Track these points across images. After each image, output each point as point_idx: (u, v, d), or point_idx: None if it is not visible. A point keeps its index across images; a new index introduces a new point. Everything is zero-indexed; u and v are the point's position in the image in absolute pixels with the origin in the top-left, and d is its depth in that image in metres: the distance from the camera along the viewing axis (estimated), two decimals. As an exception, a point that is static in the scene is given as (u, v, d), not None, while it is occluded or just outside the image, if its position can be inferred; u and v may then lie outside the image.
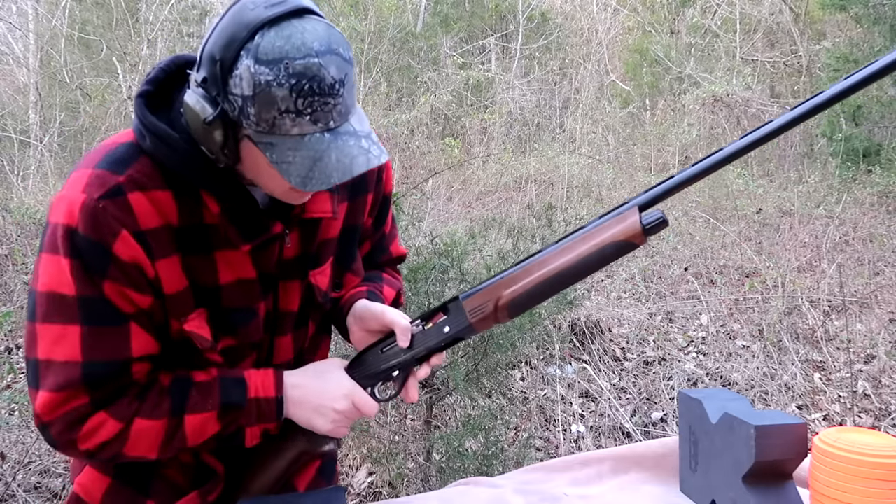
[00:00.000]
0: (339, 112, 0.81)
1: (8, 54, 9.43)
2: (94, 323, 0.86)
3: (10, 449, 2.53)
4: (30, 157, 7.40)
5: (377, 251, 1.19)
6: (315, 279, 1.02)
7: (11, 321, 3.44)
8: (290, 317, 1.02)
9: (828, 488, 0.95)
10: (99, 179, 0.85)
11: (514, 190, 6.46)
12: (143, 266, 0.87)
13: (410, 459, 2.53)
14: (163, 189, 0.88)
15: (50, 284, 0.86)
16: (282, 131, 0.80)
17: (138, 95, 0.89)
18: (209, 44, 0.81)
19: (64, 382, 0.86)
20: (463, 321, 0.98)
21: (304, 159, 0.80)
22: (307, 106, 0.78)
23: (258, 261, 0.95)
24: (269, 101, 0.78)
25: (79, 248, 0.84)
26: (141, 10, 9.46)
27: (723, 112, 8.27)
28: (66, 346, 0.86)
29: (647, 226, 0.89)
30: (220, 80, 0.80)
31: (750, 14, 9.66)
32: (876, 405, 3.21)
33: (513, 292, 0.95)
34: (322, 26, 0.80)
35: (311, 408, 0.97)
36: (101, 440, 0.88)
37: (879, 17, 6.27)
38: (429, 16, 9.75)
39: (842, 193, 5.81)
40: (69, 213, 0.84)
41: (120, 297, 0.87)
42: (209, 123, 0.81)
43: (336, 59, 0.79)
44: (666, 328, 3.97)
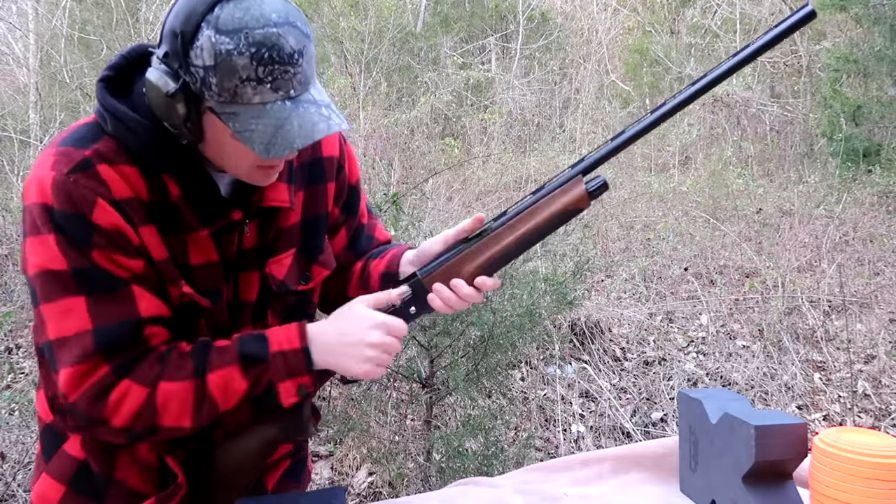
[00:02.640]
0: (299, 81, 0.83)
1: (8, 54, 9.43)
2: (94, 291, 0.86)
3: (10, 449, 2.53)
4: (30, 157, 7.39)
5: (363, 239, 1.19)
6: (270, 268, 1.02)
7: (11, 321, 3.44)
8: (249, 307, 1.02)
9: (828, 488, 0.95)
10: (65, 156, 0.86)
11: (514, 190, 6.46)
12: (126, 232, 0.87)
13: (410, 459, 2.53)
14: (129, 165, 0.89)
15: (41, 264, 0.86)
16: (243, 100, 0.81)
17: (99, 80, 0.91)
18: (169, 20, 0.82)
19: (81, 355, 0.85)
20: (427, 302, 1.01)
21: (266, 127, 0.81)
22: (268, 74, 0.80)
23: (220, 246, 0.96)
24: (231, 70, 0.79)
25: (59, 223, 0.84)
26: (141, 10, 9.46)
27: (723, 112, 8.27)
28: (74, 318, 0.86)
29: (591, 191, 0.97)
30: (181, 52, 0.81)
31: (750, 14, 9.65)
32: (876, 405, 3.21)
33: (474, 268, 0.99)
34: (281, 2, 0.82)
35: (342, 351, 0.94)
36: (132, 410, 0.87)
37: (879, 17, 6.27)
38: (429, 16, 9.74)
39: (842, 193, 5.81)
40: (41, 191, 0.84)
41: (111, 263, 0.87)
42: (171, 96, 0.82)
43: (294, 31, 0.81)
44: (666, 328, 3.97)
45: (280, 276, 1.03)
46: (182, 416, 0.89)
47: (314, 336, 0.94)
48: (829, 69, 7.08)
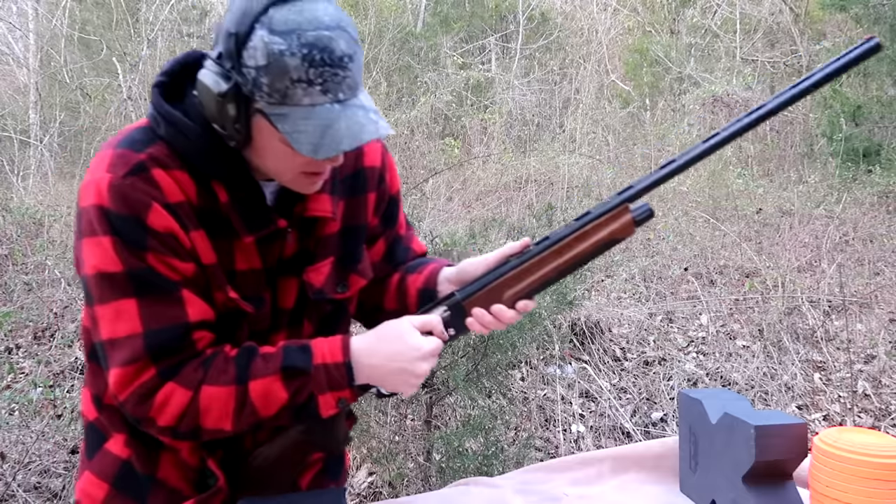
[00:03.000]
0: (348, 85, 0.84)
1: (8, 54, 9.43)
2: (147, 294, 0.88)
3: (10, 449, 2.53)
4: (30, 157, 7.40)
5: (400, 250, 1.20)
6: (308, 276, 1.02)
7: (11, 321, 3.44)
8: (286, 314, 1.03)
9: (828, 488, 0.95)
10: (121, 158, 0.88)
11: (514, 190, 6.45)
12: (178, 235, 0.89)
13: (410, 459, 2.52)
14: (181, 170, 0.90)
15: (97, 265, 0.88)
16: (293, 101, 0.82)
17: (154, 85, 0.92)
18: (225, 21, 0.84)
19: (130, 356, 0.88)
20: (465, 325, 1.01)
21: (314, 128, 0.83)
22: (318, 76, 0.81)
23: (264, 254, 0.97)
24: (282, 71, 0.80)
25: (115, 225, 0.86)
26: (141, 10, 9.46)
27: (723, 112, 8.27)
28: (126, 321, 0.88)
29: (637, 219, 0.97)
30: (234, 53, 0.83)
31: (750, 14, 9.65)
32: (876, 405, 3.21)
33: (515, 293, 0.99)
34: (332, 7, 0.84)
35: (388, 374, 0.95)
36: (176, 411, 0.89)
37: (879, 17, 6.27)
38: (429, 16, 9.74)
39: (842, 193, 5.80)
40: (98, 193, 0.86)
41: (164, 266, 0.88)
42: (223, 96, 0.84)
43: (345, 35, 0.83)
44: (666, 328, 3.97)
45: (318, 284, 1.03)
46: (223, 419, 0.92)
47: (359, 352, 0.95)
48: (829, 69, 7.06)
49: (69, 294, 3.99)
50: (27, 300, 3.82)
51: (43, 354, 3.35)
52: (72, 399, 2.85)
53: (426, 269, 1.13)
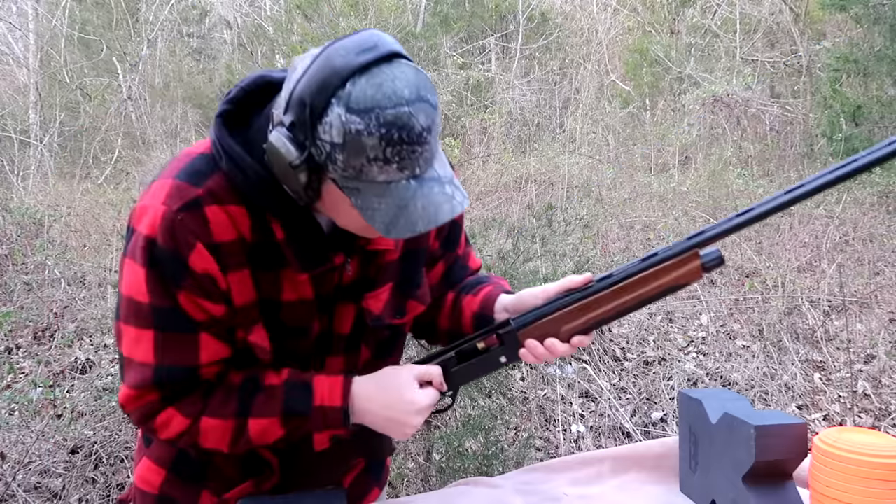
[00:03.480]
0: (425, 159, 0.82)
1: (8, 54, 9.43)
2: (166, 330, 0.90)
3: (10, 449, 2.53)
4: (30, 157, 7.40)
5: (458, 270, 1.19)
6: (367, 303, 1.02)
7: (11, 321, 3.44)
8: (342, 339, 1.03)
9: (828, 488, 0.95)
10: (179, 191, 0.88)
11: (514, 190, 6.45)
12: (216, 278, 0.90)
13: (410, 459, 2.53)
14: (238, 204, 0.90)
15: (129, 290, 0.90)
16: (368, 177, 0.80)
17: (218, 115, 0.91)
18: (299, 87, 0.80)
19: (139, 381, 0.91)
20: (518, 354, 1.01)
21: (389, 206, 0.81)
22: (395, 154, 0.79)
23: (318, 284, 0.97)
24: (359, 150, 0.78)
25: (157, 258, 0.87)
26: (141, 10, 9.46)
27: (723, 112, 8.27)
28: (142, 349, 0.91)
29: (706, 266, 0.94)
30: (308, 125, 0.80)
31: (750, 14, 9.65)
32: (876, 405, 3.21)
33: (571, 328, 0.98)
34: (412, 72, 0.80)
35: (382, 422, 0.97)
36: (175, 433, 0.94)
37: (879, 17, 6.27)
38: (429, 16, 9.74)
39: (842, 193, 5.80)
40: (151, 223, 0.87)
41: (193, 306, 0.90)
42: (295, 167, 0.82)
43: (425, 107, 0.80)
44: (666, 328, 3.97)
45: (376, 312, 1.03)
46: (220, 444, 0.95)
47: (358, 397, 0.96)
48: (829, 69, 7.07)
49: (69, 294, 3.99)
50: (27, 300, 3.82)
51: (43, 354, 3.35)
52: (72, 399, 2.85)
53: (482, 292, 1.12)
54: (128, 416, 0.96)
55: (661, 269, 0.94)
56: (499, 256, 2.86)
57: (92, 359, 3.29)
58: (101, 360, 3.28)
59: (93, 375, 3.10)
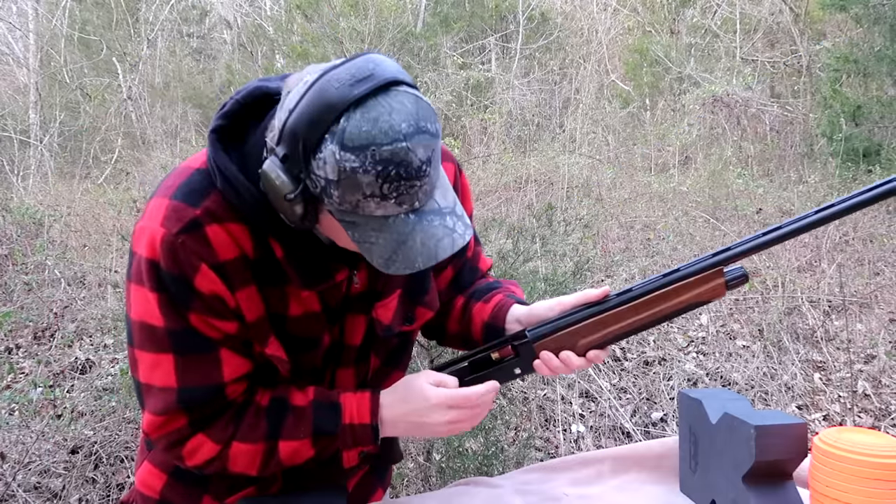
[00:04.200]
0: (424, 192, 0.79)
1: (8, 54, 9.43)
2: (185, 352, 0.89)
3: (10, 449, 2.53)
4: (30, 157, 7.40)
5: (467, 273, 1.18)
6: (377, 313, 1.01)
7: (11, 321, 3.44)
8: (353, 350, 1.02)
9: (828, 488, 0.95)
10: (176, 213, 0.86)
11: (514, 190, 6.45)
12: (224, 297, 0.88)
13: (410, 459, 2.53)
14: (237, 222, 0.88)
15: (140, 315, 0.88)
16: (365, 212, 0.78)
17: (212, 131, 0.88)
18: (291, 120, 0.77)
19: (163, 407, 0.89)
20: (532, 366, 1.00)
21: (387, 242, 0.79)
22: (393, 190, 0.76)
23: (325, 297, 0.96)
24: (354, 187, 0.75)
25: (163, 281, 0.86)
26: (141, 10, 9.46)
27: (723, 112, 8.27)
28: (162, 373, 0.89)
29: (730, 283, 0.92)
30: (302, 159, 0.77)
31: (750, 14, 9.65)
32: (876, 405, 3.21)
33: (588, 342, 0.96)
34: (410, 100, 0.77)
35: (410, 429, 0.97)
36: (203, 459, 0.92)
37: (879, 17, 6.27)
38: (429, 16, 9.74)
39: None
40: (150, 246, 0.86)
41: (206, 326, 0.89)
42: (290, 200, 0.80)
43: (423, 139, 0.76)
44: (666, 328, 3.97)
45: (386, 321, 1.02)
46: (250, 468, 0.94)
47: (385, 411, 0.96)
48: (829, 69, 7.07)
49: (69, 294, 3.99)
50: (27, 300, 3.82)
51: (43, 354, 3.35)
52: (72, 399, 2.85)
53: (493, 299, 1.11)
54: (154, 444, 0.95)
55: (682, 286, 0.93)
56: (499, 256, 2.86)
57: (92, 359, 3.29)
58: (101, 360, 3.28)
59: (93, 375, 3.09)
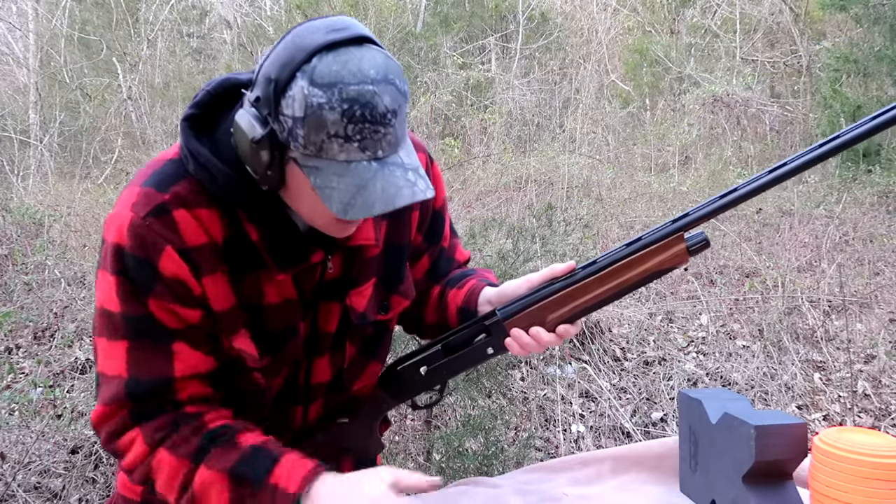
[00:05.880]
0: (388, 142, 0.80)
1: (8, 54, 9.43)
2: (138, 339, 0.88)
3: (10, 449, 2.53)
4: (30, 157, 7.40)
5: (444, 264, 1.18)
6: (351, 300, 1.01)
7: (11, 321, 3.44)
8: (328, 337, 1.02)
9: (828, 488, 0.95)
10: (145, 198, 0.86)
11: (514, 190, 6.45)
12: (188, 283, 0.87)
13: (410, 459, 2.53)
14: (209, 207, 0.89)
15: (101, 300, 0.88)
16: (328, 155, 0.79)
17: (183, 119, 0.90)
18: (266, 64, 0.81)
19: (111, 396, 0.88)
20: (504, 344, 0.99)
21: (347, 186, 0.79)
22: (357, 132, 0.77)
23: (300, 282, 0.96)
24: (320, 124, 0.77)
25: (126, 265, 0.86)
26: (141, 10, 9.46)
27: (723, 112, 8.27)
28: (115, 361, 0.88)
29: (691, 249, 0.92)
30: (272, 100, 0.79)
31: (750, 14, 9.66)
32: (876, 405, 3.21)
33: (557, 317, 0.96)
34: (381, 56, 0.79)
35: None
36: (133, 461, 0.89)
37: (879, 17, 6.28)
38: (429, 16, 9.74)
39: (842, 193, 5.81)
40: (118, 231, 0.86)
41: (166, 313, 0.87)
42: (257, 143, 0.81)
43: (391, 90, 0.78)
44: (666, 328, 3.97)
45: (360, 309, 1.02)
46: (168, 489, 0.88)
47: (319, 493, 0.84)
48: (829, 69, 7.08)
49: (69, 294, 3.99)
50: (27, 300, 3.82)
51: (43, 354, 3.35)
52: (72, 399, 2.85)
53: (467, 285, 1.11)
54: (98, 437, 0.91)
55: (645, 254, 0.92)
56: (499, 256, 2.86)
57: (92, 359, 3.29)
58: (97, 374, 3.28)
59: (93, 375, 3.09)
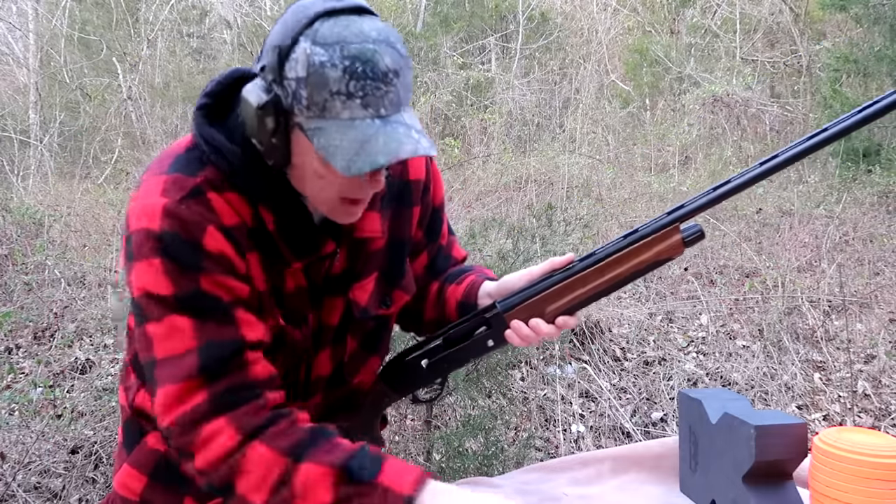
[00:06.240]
0: (390, 101, 0.81)
1: (8, 54, 9.43)
2: (199, 314, 0.85)
3: (10, 449, 2.53)
4: (30, 157, 7.40)
5: (441, 260, 1.19)
6: (354, 294, 1.02)
7: (11, 321, 3.44)
8: (330, 331, 1.02)
9: (828, 488, 0.95)
10: (176, 183, 0.86)
11: (514, 190, 6.45)
12: (233, 259, 0.87)
13: (410, 459, 2.53)
14: (234, 192, 0.89)
15: (147, 286, 0.85)
16: (331, 114, 0.80)
17: (197, 108, 0.91)
18: (271, 35, 0.83)
19: (183, 373, 0.84)
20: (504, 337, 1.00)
21: (351, 143, 0.79)
22: (359, 89, 0.78)
23: (310, 273, 0.97)
24: (322, 82, 0.78)
25: (169, 247, 0.84)
26: (141, 10, 9.46)
27: (723, 112, 8.27)
28: (180, 338, 0.85)
29: (687, 240, 0.94)
30: (277, 66, 0.81)
31: (750, 14, 9.65)
32: (876, 405, 3.21)
33: (556, 308, 0.97)
34: (382, 24, 0.82)
35: None
36: (216, 454, 0.84)
37: (879, 17, 6.27)
38: (429, 16, 9.74)
39: (842, 193, 5.80)
40: (151, 217, 0.84)
41: (218, 287, 0.86)
42: (262, 108, 0.82)
43: (392, 52, 0.80)
44: (666, 328, 3.97)
45: (363, 303, 1.03)
46: (257, 489, 0.84)
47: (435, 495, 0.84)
48: (829, 69, 7.08)
49: (69, 294, 3.99)
50: (27, 300, 3.82)
51: (43, 354, 3.35)
52: (72, 399, 2.86)
53: (466, 280, 1.12)
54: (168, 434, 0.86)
55: (642, 245, 0.94)
56: (499, 256, 2.86)
57: (92, 359, 3.29)
58: (101, 360, 3.28)
59: (93, 375, 3.10)
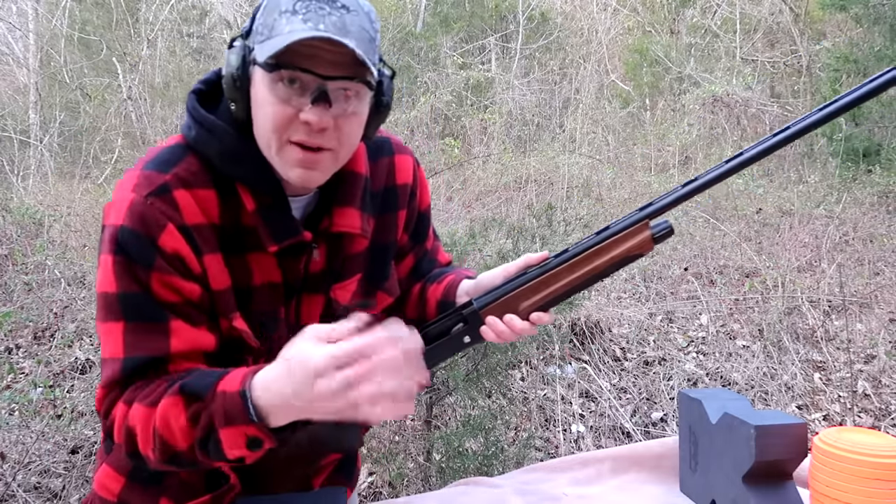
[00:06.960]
0: (332, 23, 0.82)
1: (8, 54, 9.43)
2: (134, 319, 0.88)
3: (10, 449, 2.53)
4: (30, 157, 7.40)
5: (426, 263, 1.20)
6: (335, 293, 1.02)
7: (11, 321, 3.44)
8: None
9: (828, 488, 0.95)
10: (147, 179, 0.89)
11: (514, 190, 6.45)
12: (187, 259, 0.89)
13: (410, 459, 2.53)
14: (207, 188, 0.91)
15: (100, 284, 0.89)
16: (275, 32, 0.83)
17: (191, 92, 0.94)
18: None
19: (109, 378, 0.89)
20: (480, 333, 1.01)
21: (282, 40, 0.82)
22: (303, 8, 0.82)
23: (285, 268, 0.97)
24: (273, 6, 0.84)
25: (125, 243, 0.86)
26: (141, 10, 9.46)
27: (723, 112, 8.27)
28: (113, 343, 0.89)
29: (656, 237, 0.96)
30: (250, 21, 0.88)
31: (750, 14, 9.66)
32: (876, 405, 3.21)
33: (530, 305, 0.99)
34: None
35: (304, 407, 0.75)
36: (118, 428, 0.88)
37: (879, 17, 6.28)
38: (429, 16, 9.75)
39: (842, 193, 5.81)
40: (118, 213, 0.87)
41: (165, 287, 0.88)
42: (230, 47, 0.88)
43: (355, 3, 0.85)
44: (666, 328, 3.97)
45: (344, 302, 1.03)
46: (146, 443, 0.85)
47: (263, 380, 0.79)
48: (829, 69, 7.08)
49: (69, 294, 3.99)
50: (27, 300, 3.82)
51: (43, 354, 3.35)
52: (72, 399, 2.85)
53: (446, 279, 1.13)
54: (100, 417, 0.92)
55: (613, 242, 0.96)
56: (499, 256, 2.86)
57: (92, 359, 3.29)
58: (100, 360, 3.28)
59: (93, 375, 3.10)
